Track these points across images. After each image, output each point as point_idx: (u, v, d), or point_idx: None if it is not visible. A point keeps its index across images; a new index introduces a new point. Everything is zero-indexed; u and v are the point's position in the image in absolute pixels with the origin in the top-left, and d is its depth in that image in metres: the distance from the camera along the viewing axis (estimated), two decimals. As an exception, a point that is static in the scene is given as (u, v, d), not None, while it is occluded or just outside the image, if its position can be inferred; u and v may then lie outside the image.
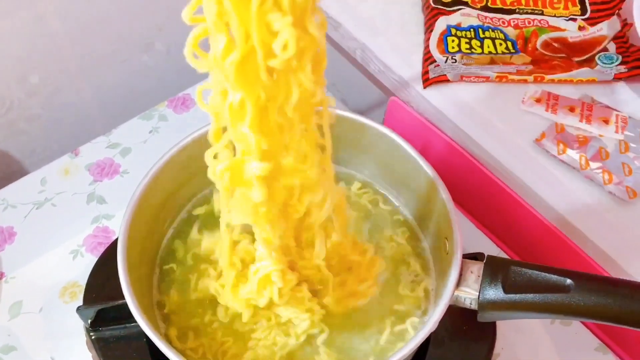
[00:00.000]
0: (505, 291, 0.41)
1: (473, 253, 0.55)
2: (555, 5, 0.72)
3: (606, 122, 0.62)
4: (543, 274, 0.41)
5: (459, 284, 0.43)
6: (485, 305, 0.42)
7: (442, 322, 0.53)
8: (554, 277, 0.40)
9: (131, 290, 0.43)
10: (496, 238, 0.65)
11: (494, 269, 0.43)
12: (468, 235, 0.63)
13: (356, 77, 0.85)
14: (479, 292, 0.42)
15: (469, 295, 0.43)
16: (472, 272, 0.43)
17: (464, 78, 0.66)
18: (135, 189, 0.47)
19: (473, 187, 0.66)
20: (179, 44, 0.85)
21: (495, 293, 0.41)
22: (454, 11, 0.70)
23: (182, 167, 0.52)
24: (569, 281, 0.40)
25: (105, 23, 0.73)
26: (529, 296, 0.40)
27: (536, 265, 0.42)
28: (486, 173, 0.63)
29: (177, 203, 0.53)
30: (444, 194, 0.47)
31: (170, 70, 0.80)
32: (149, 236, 0.50)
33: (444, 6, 0.71)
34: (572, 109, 0.63)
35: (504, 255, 0.62)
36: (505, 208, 0.63)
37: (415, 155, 0.49)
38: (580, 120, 0.62)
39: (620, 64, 0.66)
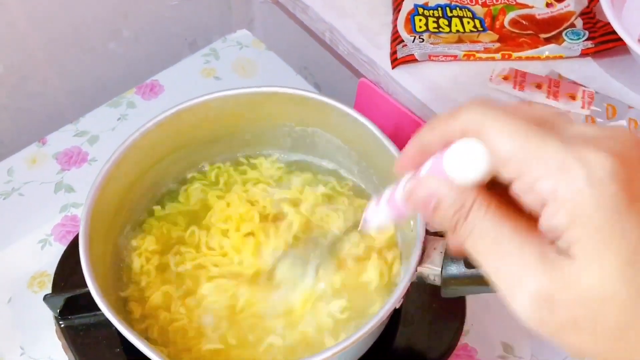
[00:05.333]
0: (467, 266, 0.41)
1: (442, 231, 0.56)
2: (523, -18, 0.72)
3: (573, 98, 0.62)
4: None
5: (422, 260, 0.43)
6: (448, 280, 0.42)
7: (411, 300, 0.54)
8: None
9: (94, 277, 0.43)
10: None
11: (456, 245, 0.43)
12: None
13: (328, 60, 0.85)
14: (442, 268, 0.42)
15: (432, 272, 0.43)
16: (435, 249, 0.43)
17: (431, 57, 0.66)
18: (96, 176, 0.47)
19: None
20: (147, 30, 0.84)
21: (457, 268, 0.42)
22: (422, -10, 0.70)
23: (146, 152, 0.51)
24: (528, 254, 0.40)
25: (69, 11, 0.72)
26: (490, 270, 0.41)
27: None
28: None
29: (142, 189, 0.53)
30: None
31: (138, 57, 0.80)
32: (113, 224, 0.50)
33: (411, -15, 0.71)
34: (539, 86, 0.63)
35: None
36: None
37: (379, 134, 0.49)
38: (547, 97, 0.62)
39: (587, 40, 0.66)
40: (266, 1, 0.89)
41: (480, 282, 0.41)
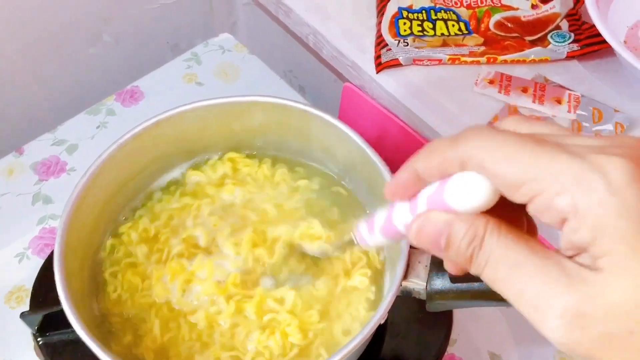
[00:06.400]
0: (452, 280, 0.41)
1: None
2: (508, -16, 0.71)
3: (559, 101, 0.62)
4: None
5: (406, 274, 0.42)
6: (433, 295, 0.41)
7: (398, 311, 0.53)
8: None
9: (69, 295, 0.42)
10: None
11: (441, 258, 0.42)
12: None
13: (312, 63, 0.84)
14: (427, 282, 0.41)
15: (417, 286, 0.42)
16: (419, 262, 0.42)
17: (416, 61, 0.65)
18: (72, 191, 0.45)
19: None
20: (128, 34, 0.83)
21: (442, 282, 0.41)
22: (406, -7, 0.69)
23: (124, 165, 0.50)
24: (514, 268, 0.39)
25: (47, 15, 0.70)
26: (475, 285, 0.40)
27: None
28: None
29: (122, 201, 0.52)
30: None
31: (119, 63, 0.78)
32: (91, 237, 0.49)
33: (395, -12, 0.69)
34: (525, 90, 0.63)
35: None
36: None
37: (361, 142, 0.48)
38: (533, 101, 0.62)
39: (572, 42, 0.66)
40: (249, 3, 0.87)
41: (465, 296, 0.40)
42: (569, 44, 0.65)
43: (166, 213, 0.50)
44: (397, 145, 0.67)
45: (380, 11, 0.69)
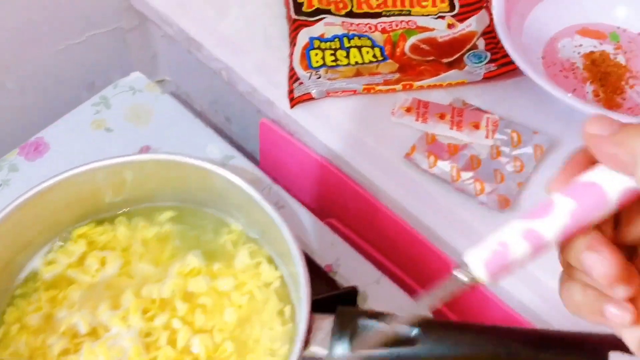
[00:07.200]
0: (353, 347, 0.38)
1: (349, 287, 0.52)
2: (423, 4, 0.69)
3: (476, 127, 0.60)
4: (391, 324, 0.38)
5: (307, 342, 0.39)
6: (335, 364, 0.39)
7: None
8: (402, 328, 0.37)
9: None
10: (378, 254, 0.63)
11: (343, 323, 0.39)
12: (348, 261, 0.59)
13: (234, 96, 0.81)
14: (329, 351, 0.39)
15: (319, 355, 0.39)
16: (321, 329, 0.40)
17: (330, 94, 0.62)
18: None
19: (352, 207, 0.63)
20: (34, 79, 0.78)
21: (343, 350, 0.38)
22: (317, 21, 0.66)
23: (13, 236, 0.46)
24: (415, 331, 0.37)
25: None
26: (377, 352, 0.37)
27: (384, 315, 0.39)
28: (361, 193, 0.60)
29: (13, 276, 0.48)
30: (288, 238, 0.43)
31: (25, 112, 0.74)
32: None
33: (305, 16, 0.67)
34: (442, 116, 0.61)
35: (383, 278, 0.58)
36: (381, 225, 0.60)
37: (256, 195, 0.45)
38: (451, 128, 0.60)
39: (489, 62, 0.64)
40: (166, 35, 0.84)
41: (367, 364, 0.38)
42: (485, 64, 0.64)
43: (33, 313, 0.46)
44: (318, 181, 0.65)
45: (292, 42, 0.66)
